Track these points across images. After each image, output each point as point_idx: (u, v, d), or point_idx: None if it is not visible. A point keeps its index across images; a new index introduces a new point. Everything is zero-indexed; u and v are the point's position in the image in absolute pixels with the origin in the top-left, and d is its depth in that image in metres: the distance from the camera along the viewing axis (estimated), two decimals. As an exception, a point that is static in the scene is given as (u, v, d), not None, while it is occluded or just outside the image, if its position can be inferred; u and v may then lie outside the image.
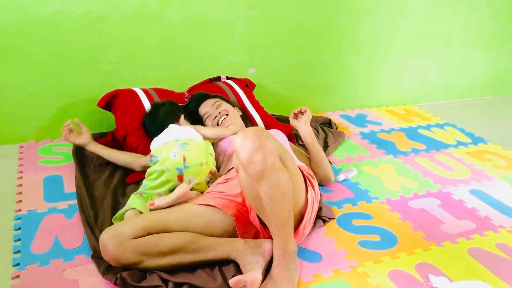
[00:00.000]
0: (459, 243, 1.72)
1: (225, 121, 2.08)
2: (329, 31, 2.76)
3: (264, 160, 1.35)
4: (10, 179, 2.00)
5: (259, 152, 1.35)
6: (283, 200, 1.40)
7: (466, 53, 3.24)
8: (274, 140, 1.41)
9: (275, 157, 1.37)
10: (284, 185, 1.39)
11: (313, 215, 1.66)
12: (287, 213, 1.42)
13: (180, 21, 2.41)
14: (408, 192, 2.05)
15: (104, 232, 1.44)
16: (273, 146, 1.38)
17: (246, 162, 1.37)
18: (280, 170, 1.38)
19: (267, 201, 1.40)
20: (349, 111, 3.01)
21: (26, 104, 2.30)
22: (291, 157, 1.52)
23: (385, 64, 3.03)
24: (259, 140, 1.35)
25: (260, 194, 1.40)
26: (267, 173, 1.36)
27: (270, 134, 1.42)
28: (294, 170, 1.51)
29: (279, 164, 1.38)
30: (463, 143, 2.61)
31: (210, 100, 2.17)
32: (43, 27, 2.19)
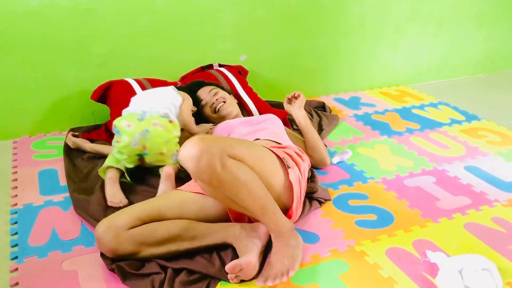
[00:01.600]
0: (455, 218, 1.73)
1: (223, 108, 2.08)
2: (320, 15, 2.75)
3: (211, 165, 1.32)
4: (5, 174, 2.00)
5: (203, 160, 1.32)
6: (249, 191, 1.40)
7: (457, 32, 3.23)
8: (216, 140, 1.38)
9: (222, 157, 1.35)
10: (243, 178, 1.39)
11: (303, 193, 1.67)
12: (260, 200, 1.42)
13: (169, 10, 2.39)
14: (403, 171, 2.06)
15: (99, 225, 1.43)
16: (217, 147, 1.34)
17: (195, 173, 1.36)
18: (233, 167, 1.37)
19: (235, 198, 1.41)
20: (343, 94, 3.01)
21: (17, 99, 2.29)
22: (249, 143, 1.53)
23: (377, 46, 3.02)
24: (198, 148, 1.32)
25: (225, 194, 1.41)
26: (219, 176, 1.35)
27: (210, 137, 1.38)
28: (259, 155, 1.51)
29: (230, 162, 1.37)
30: (457, 121, 2.61)
31: (206, 88, 2.17)
32: (31, 20, 2.17)
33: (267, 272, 1.39)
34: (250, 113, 2.33)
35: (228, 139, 1.49)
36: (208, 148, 1.32)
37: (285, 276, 1.38)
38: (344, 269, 1.46)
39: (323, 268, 1.46)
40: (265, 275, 1.39)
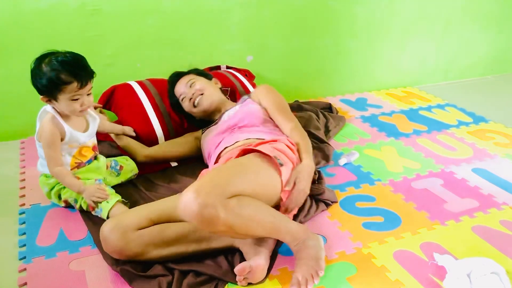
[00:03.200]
0: (463, 221, 1.72)
1: (201, 101, 1.98)
2: (326, 15, 2.75)
3: (215, 217, 1.30)
4: (13, 174, 2.01)
5: (205, 214, 1.29)
6: (258, 222, 1.40)
7: (465, 33, 3.22)
8: (210, 186, 1.33)
9: (222, 203, 1.31)
10: (248, 213, 1.37)
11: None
12: (270, 224, 1.42)
13: (176, 11, 2.39)
14: (410, 173, 2.05)
15: (105, 224, 1.43)
16: (213, 196, 1.30)
17: (203, 227, 1.36)
18: (235, 208, 1.34)
19: (246, 233, 1.40)
20: (349, 95, 3.00)
21: (25, 99, 2.29)
22: (241, 169, 1.48)
23: (384, 47, 3.01)
24: (196, 204, 1.29)
25: (237, 232, 1.39)
26: (226, 222, 1.33)
27: (204, 186, 1.33)
28: (254, 175, 1.49)
29: (231, 204, 1.34)
30: (465, 123, 2.60)
31: (183, 79, 2.06)
32: (38, 21, 2.18)
33: (296, 280, 1.36)
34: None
35: (220, 175, 1.42)
36: (205, 202, 1.29)
37: (315, 278, 1.37)
38: (351, 272, 1.46)
39: (330, 270, 1.46)
40: (295, 283, 1.35)
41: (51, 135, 1.62)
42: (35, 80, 1.59)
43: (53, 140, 1.63)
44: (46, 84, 1.56)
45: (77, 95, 1.60)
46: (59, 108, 1.63)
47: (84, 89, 1.60)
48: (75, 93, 1.59)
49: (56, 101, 1.60)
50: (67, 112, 1.64)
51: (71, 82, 1.57)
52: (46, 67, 1.56)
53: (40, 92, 1.60)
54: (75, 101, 1.60)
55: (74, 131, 1.68)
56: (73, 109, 1.62)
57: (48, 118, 1.64)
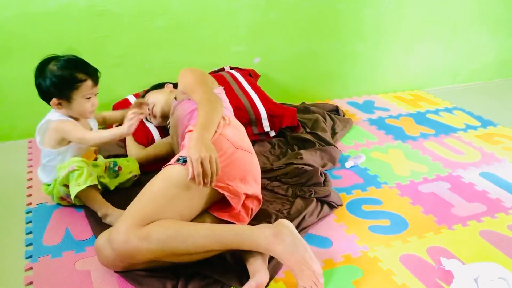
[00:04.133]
0: (470, 225, 1.71)
1: (153, 115, 2.04)
2: (334, 18, 2.74)
3: (136, 250, 1.32)
4: (20, 174, 2.02)
5: (126, 253, 1.33)
6: (187, 237, 1.34)
7: (473, 36, 3.20)
8: (117, 225, 1.35)
9: (137, 234, 1.32)
10: (170, 233, 1.33)
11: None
12: (209, 237, 1.36)
13: (184, 12, 2.40)
14: (417, 177, 2.04)
15: (101, 236, 1.41)
16: (122, 233, 1.32)
17: (134, 264, 1.37)
18: (152, 233, 1.32)
19: (189, 251, 1.36)
20: (356, 98, 2.99)
21: (33, 99, 2.29)
22: (148, 192, 1.42)
23: (392, 50, 3.00)
24: (109, 250, 1.34)
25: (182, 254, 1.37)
26: (151, 249, 1.32)
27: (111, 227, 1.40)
28: (163, 194, 1.41)
29: (144, 232, 1.32)
30: (472, 127, 2.58)
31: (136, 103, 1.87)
32: (47, 20, 2.19)
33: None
34: (258, 113, 2.30)
35: (131, 209, 1.39)
36: (117, 241, 1.32)
37: (318, 284, 1.32)
38: (357, 275, 1.45)
39: (336, 273, 1.45)
40: None
41: (70, 122, 1.62)
42: (45, 83, 1.58)
43: (74, 124, 1.62)
44: (59, 84, 1.56)
45: (90, 94, 1.61)
46: (70, 110, 1.63)
47: (96, 88, 1.62)
48: (89, 92, 1.60)
49: (68, 102, 1.60)
50: (77, 114, 1.64)
51: (86, 80, 1.58)
52: (58, 68, 1.57)
53: (50, 94, 1.59)
54: (88, 100, 1.61)
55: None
56: (85, 109, 1.62)
57: (58, 119, 1.64)
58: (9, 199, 1.83)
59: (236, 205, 1.49)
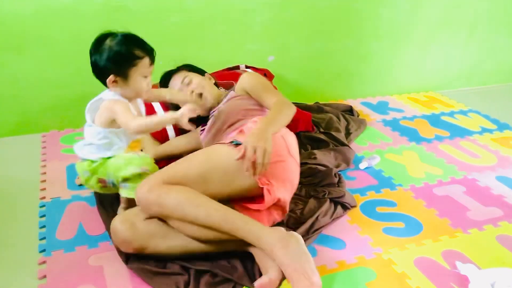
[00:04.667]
0: (486, 230, 1.69)
1: (203, 98, 1.93)
2: (349, 17, 2.72)
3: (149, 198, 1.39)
4: (34, 168, 2.02)
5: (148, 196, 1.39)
6: (197, 204, 1.39)
7: (490, 38, 3.16)
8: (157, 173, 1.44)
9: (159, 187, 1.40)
10: (186, 196, 1.39)
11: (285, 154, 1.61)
12: (217, 212, 1.39)
13: (200, 9, 2.39)
14: (432, 179, 2.01)
15: (117, 216, 1.46)
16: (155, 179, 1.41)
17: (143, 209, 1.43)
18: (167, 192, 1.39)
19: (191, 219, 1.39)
20: (370, 99, 2.97)
21: (48, 93, 2.32)
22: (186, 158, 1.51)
23: (407, 50, 2.97)
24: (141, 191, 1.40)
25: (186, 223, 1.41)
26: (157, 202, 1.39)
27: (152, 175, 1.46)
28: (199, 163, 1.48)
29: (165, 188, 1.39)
30: (488, 130, 2.55)
31: (176, 76, 1.98)
32: (63, 16, 2.19)
33: None
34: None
35: (169, 166, 1.49)
36: (141, 189, 1.41)
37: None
38: (371, 277, 1.44)
39: (349, 275, 1.44)
40: None
41: (121, 103, 1.52)
42: (102, 59, 1.50)
43: (125, 106, 1.52)
44: (117, 60, 1.49)
45: (147, 72, 1.54)
46: (125, 89, 1.53)
47: (152, 68, 1.56)
48: (146, 70, 1.53)
49: (125, 79, 1.51)
50: (132, 92, 1.55)
51: (143, 57, 1.52)
52: (115, 43, 1.51)
53: (107, 71, 1.50)
54: (144, 79, 1.54)
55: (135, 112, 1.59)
56: (141, 87, 1.55)
57: (111, 98, 1.54)
58: (23, 193, 1.84)
59: (268, 203, 1.49)
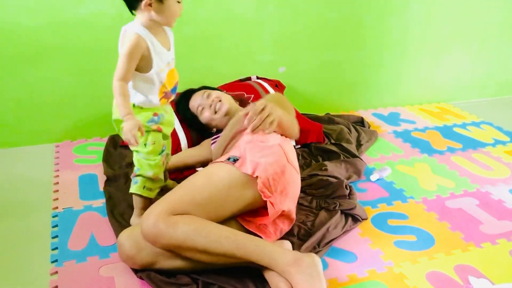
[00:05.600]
0: (500, 244, 1.66)
1: (222, 107, 1.99)
2: (360, 28, 2.73)
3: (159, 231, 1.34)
4: (47, 178, 2.05)
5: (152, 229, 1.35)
6: (207, 235, 1.36)
7: (502, 49, 3.14)
8: (159, 203, 1.40)
9: (165, 218, 1.35)
10: (194, 227, 1.36)
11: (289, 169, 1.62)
12: (228, 239, 1.36)
13: (212, 21, 2.41)
14: (444, 192, 2.00)
15: (123, 232, 1.46)
16: (159, 211, 1.36)
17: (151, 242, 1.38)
18: (174, 224, 1.35)
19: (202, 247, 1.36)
20: (382, 110, 2.96)
21: (62, 103, 2.35)
22: (187, 183, 1.49)
23: (418, 61, 2.97)
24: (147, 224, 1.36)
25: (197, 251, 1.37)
26: (168, 235, 1.35)
27: (153, 205, 1.41)
28: (201, 186, 1.46)
29: (173, 220, 1.36)
30: (501, 142, 2.52)
31: (197, 94, 2.09)
32: (77, 28, 2.23)
33: None
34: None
35: (171, 194, 1.45)
36: (146, 222, 1.36)
37: None
38: (382, 291, 1.43)
39: (360, 289, 1.43)
40: None
41: (136, 45, 1.44)
42: None
43: (135, 51, 1.44)
44: None
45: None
46: (159, 13, 1.46)
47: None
48: None
49: (160, 2, 1.44)
50: (166, 17, 1.48)
51: None
52: None
53: None
54: (178, 4, 1.48)
55: (162, 47, 1.52)
56: (175, 11, 1.48)
57: (137, 33, 1.46)
58: (36, 202, 1.86)
59: (272, 216, 1.48)
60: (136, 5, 1.46)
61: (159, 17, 1.47)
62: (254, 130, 1.64)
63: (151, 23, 1.48)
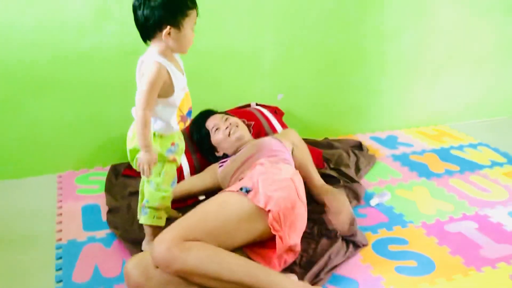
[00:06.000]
0: (500, 268, 1.68)
1: (236, 132, 2.06)
2: (357, 54, 2.78)
3: (172, 257, 1.37)
4: (50, 209, 2.06)
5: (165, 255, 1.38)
6: (220, 262, 1.39)
7: (496, 71, 3.19)
8: (172, 229, 1.43)
9: (179, 245, 1.39)
10: (207, 254, 1.39)
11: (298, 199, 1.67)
12: (240, 268, 1.40)
13: (211, 51, 2.46)
14: (443, 216, 2.02)
15: (130, 260, 1.47)
16: (172, 237, 1.39)
17: (163, 268, 1.40)
18: (186, 250, 1.38)
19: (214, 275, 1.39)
20: (379, 133, 3.00)
21: (63, 135, 2.38)
22: (200, 211, 1.52)
23: (414, 84, 3.02)
24: (158, 251, 1.39)
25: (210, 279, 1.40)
26: (181, 261, 1.37)
27: (166, 230, 1.45)
28: (214, 216, 1.50)
29: (186, 246, 1.39)
30: (498, 163, 2.56)
31: (217, 115, 2.18)
32: (79, 62, 2.27)
33: None
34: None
35: (184, 220, 1.49)
36: (159, 247, 1.39)
37: None
38: (385, 319, 1.44)
39: (363, 316, 1.44)
40: None
41: (158, 73, 1.48)
42: (157, 9, 1.44)
43: (158, 79, 1.48)
44: (173, 8, 1.45)
45: (194, 24, 1.53)
46: (176, 42, 1.50)
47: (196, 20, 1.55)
48: (194, 22, 1.52)
49: (178, 31, 1.47)
50: (182, 46, 1.53)
51: (194, 8, 1.51)
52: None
53: (162, 22, 1.46)
54: (193, 32, 1.53)
55: (178, 72, 1.57)
56: (190, 39, 1.53)
57: (157, 62, 1.50)
58: (40, 234, 1.88)
59: (280, 250, 1.52)
60: (155, 34, 1.51)
61: (176, 45, 1.52)
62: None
63: (167, 51, 1.54)
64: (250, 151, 1.95)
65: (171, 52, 1.55)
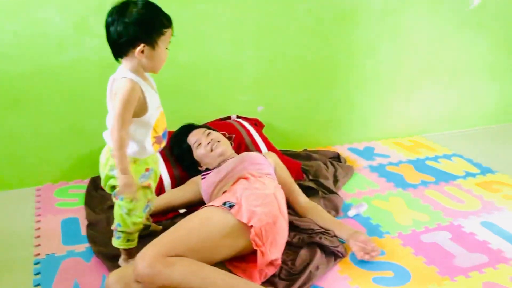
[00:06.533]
0: (472, 277, 1.73)
1: (218, 147, 2.08)
2: (335, 68, 2.84)
3: (155, 273, 1.38)
4: (28, 223, 2.04)
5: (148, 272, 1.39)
6: (204, 277, 1.41)
7: (470, 84, 3.29)
8: (154, 245, 1.44)
9: (161, 260, 1.40)
10: (191, 269, 1.41)
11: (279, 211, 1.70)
12: (221, 282, 1.42)
13: (191, 64, 2.49)
14: (419, 226, 2.07)
15: (111, 274, 1.47)
16: (155, 253, 1.40)
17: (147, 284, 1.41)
18: (170, 266, 1.40)
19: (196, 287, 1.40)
20: (357, 144, 3.05)
21: (42, 147, 2.37)
22: (182, 227, 1.54)
23: (391, 97, 3.09)
24: (140, 267, 1.39)
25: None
26: (166, 277, 1.39)
27: (148, 246, 1.45)
28: (197, 232, 1.52)
29: (169, 261, 1.40)
30: (472, 174, 2.63)
31: (199, 130, 2.19)
32: (59, 74, 2.27)
33: None
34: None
35: (165, 236, 1.50)
36: (141, 263, 1.39)
37: None
38: (362, 329, 1.47)
39: (341, 327, 1.47)
40: None
41: (132, 90, 1.44)
42: (132, 26, 1.41)
43: (132, 96, 1.44)
44: (148, 27, 1.42)
45: (168, 44, 1.50)
46: (149, 60, 1.47)
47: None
48: (168, 40, 1.49)
49: (152, 49, 1.45)
50: (155, 65, 1.50)
51: (169, 27, 1.48)
52: (142, 10, 1.43)
53: (137, 39, 1.42)
54: (167, 51, 1.50)
55: (152, 90, 1.53)
56: (163, 58, 1.50)
57: (130, 79, 1.46)
58: (17, 249, 1.86)
59: (261, 265, 1.54)
60: (127, 52, 1.46)
61: (149, 64, 1.48)
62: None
63: (139, 69, 1.50)
64: (234, 162, 1.98)
65: (143, 71, 1.52)
